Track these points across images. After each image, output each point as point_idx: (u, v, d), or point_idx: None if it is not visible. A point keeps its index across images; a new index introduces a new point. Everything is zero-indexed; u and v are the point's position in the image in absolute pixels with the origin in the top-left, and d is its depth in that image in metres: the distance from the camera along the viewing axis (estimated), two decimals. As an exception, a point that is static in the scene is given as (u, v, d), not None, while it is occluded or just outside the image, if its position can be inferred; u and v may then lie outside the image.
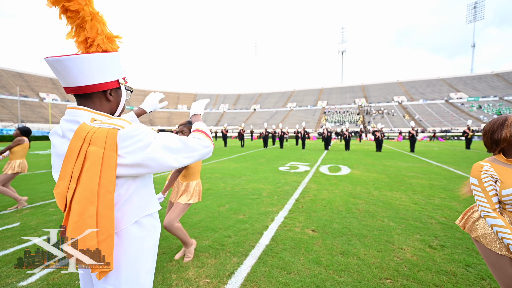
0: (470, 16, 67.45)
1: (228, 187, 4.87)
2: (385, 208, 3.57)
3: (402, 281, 1.86)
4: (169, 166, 0.80)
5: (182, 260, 2.17)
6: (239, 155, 11.68)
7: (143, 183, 0.85)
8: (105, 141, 0.71)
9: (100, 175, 0.70)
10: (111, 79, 0.85)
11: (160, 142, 0.78)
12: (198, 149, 0.87)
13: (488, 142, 1.25)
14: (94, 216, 0.69)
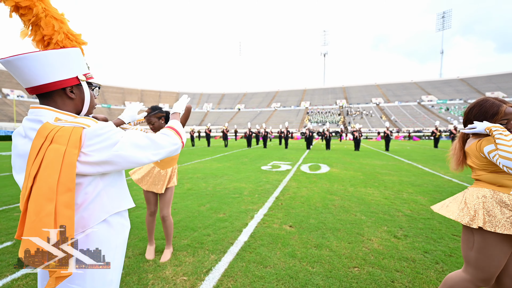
0: (439, 25, 72.76)
1: (209, 187, 4.87)
2: (358, 203, 3.80)
3: (368, 269, 2.02)
4: (137, 163, 0.81)
5: (158, 259, 2.17)
6: (222, 155, 11.65)
7: (112, 181, 0.85)
8: (69, 139, 0.71)
9: (60, 172, 0.68)
10: (69, 76, 0.82)
11: (128, 140, 0.79)
12: (166, 146, 0.88)
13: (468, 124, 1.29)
14: (52, 215, 0.66)
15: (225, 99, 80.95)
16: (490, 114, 1.18)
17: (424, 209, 3.51)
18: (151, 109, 2.08)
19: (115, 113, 61.70)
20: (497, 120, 1.17)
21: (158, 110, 2.09)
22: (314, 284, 1.82)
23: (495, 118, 1.17)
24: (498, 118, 1.17)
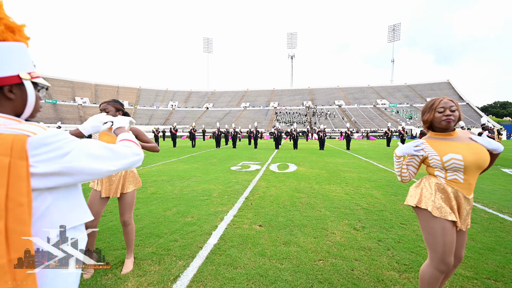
0: (390, 36, 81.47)
1: (176, 190, 4.67)
2: (323, 200, 4.04)
3: (331, 260, 2.17)
4: (93, 175, 0.74)
5: (119, 271, 2.00)
6: (190, 155, 11.25)
7: (63, 194, 0.77)
8: (11, 149, 0.63)
9: (8, 186, 0.62)
10: (8, 74, 0.73)
11: (83, 150, 0.72)
12: (128, 157, 0.83)
13: (422, 121, 1.51)
14: (3, 232, 0.61)
15: (192, 97, 78.11)
16: (430, 105, 1.42)
17: (378, 202, 3.90)
18: (113, 100, 1.98)
19: (62, 110, 54.62)
20: (435, 109, 1.39)
21: (119, 103, 2.01)
22: (283, 280, 1.89)
23: (433, 108, 1.40)
24: (435, 108, 1.39)
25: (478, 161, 1.32)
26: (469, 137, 1.40)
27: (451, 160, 1.33)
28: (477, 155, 1.32)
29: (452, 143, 1.38)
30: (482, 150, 1.34)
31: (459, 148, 1.35)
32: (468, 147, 1.35)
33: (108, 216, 3.25)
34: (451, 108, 1.37)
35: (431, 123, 1.42)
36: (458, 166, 1.32)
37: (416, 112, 53.31)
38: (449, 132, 1.42)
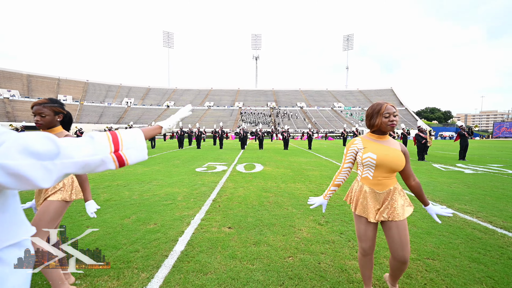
0: (345, 45, 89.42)
1: (134, 195, 4.27)
2: (289, 198, 4.19)
3: (300, 256, 2.26)
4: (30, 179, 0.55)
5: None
6: (150, 157, 10.46)
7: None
8: None
9: None
10: None
11: (18, 144, 0.54)
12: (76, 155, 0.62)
13: (367, 123, 1.58)
14: None
15: (151, 94, 72.71)
16: (376, 111, 1.50)
17: (338, 197, 4.22)
18: (49, 100, 1.62)
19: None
20: (382, 114, 1.47)
21: (59, 104, 1.66)
22: (255, 281, 1.89)
23: (380, 113, 1.48)
24: (382, 113, 1.47)
25: (390, 163, 1.45)
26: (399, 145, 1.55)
27: (368, 158, 1.48)
28: (391, 157, 1.45)
29: (378, 145, 1.51)
30: (398, 156, 1.47)
31: (378, 149, 1.48)
32: (386, 149, 1.48)
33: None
34: (394, 114, 1.49)
35: (376, 127, 1.52)
36: (370, 163, 1.48)
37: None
38: (383, 136, 1.54)
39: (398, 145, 1.55)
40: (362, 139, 1.57)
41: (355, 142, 1.57)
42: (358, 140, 1.57)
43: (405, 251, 1.47)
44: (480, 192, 4.64)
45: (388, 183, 1.50)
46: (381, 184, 1.50)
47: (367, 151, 1.50)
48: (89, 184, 1.76)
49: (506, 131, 53.04)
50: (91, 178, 5.74)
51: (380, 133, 1.53)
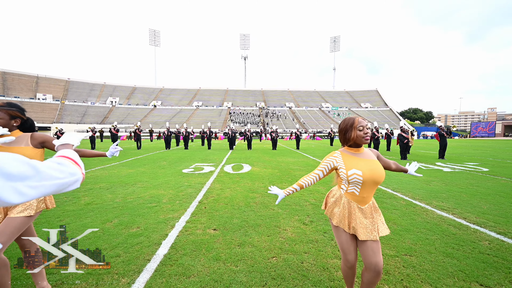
0: (332, 47, 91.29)
1: (117, 198, 4.14)
2: (276, 198, 4.22)
3: (284, 256, 2.28)
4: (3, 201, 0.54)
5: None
6: (134, 158, 10.18)
7: None
8: None
9: None
10: None
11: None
12: (57, 177, 0.66)
13: (341, 138, 1.57)
14: None
15: (137, 94, 70.71)
16: (350, 125, 1.51)
17: (323, 196, 4.30)
18: (7, 104, 1.54)
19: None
20: (356, 127, 1.49)
21: (17, 108, 1.58)
22: (238, 282, 1.89)
23: (353, 126, 1.50)
24: (356, 126, 1.49)
25: (374, 177, 1.45)
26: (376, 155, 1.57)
27: (354, 175, 1.45)
28: (374, 171, 1.46)
29: (357, 159, 1.50)
30: (378, 168, 1.48)
31: (360, 165, 1.47)
32: (368, 163, 1.48)
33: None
34: (367, 126, 1.50)
35: (352, 141, 1.52)
36: (358, 180, 1.45)
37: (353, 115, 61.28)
38: (359, 148, 1.55)
39: (372, 153, 1.57)
40: (342, 154, 1.55)
41: (334, 155, 1.55)
42: (338, 154, 1.55)
43: (375, 259, 1.42)
44: (457, 190, 4.90)
45: (370, 198, 1.50)
46: (365, 200, 1.49)
47: (351, 167, 1.47)
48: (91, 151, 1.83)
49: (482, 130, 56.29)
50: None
51: (356, 146, 1.54)
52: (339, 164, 1.51)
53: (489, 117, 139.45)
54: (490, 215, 3.39)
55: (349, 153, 1.55)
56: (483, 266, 2.12)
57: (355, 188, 1.48)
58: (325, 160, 1.56)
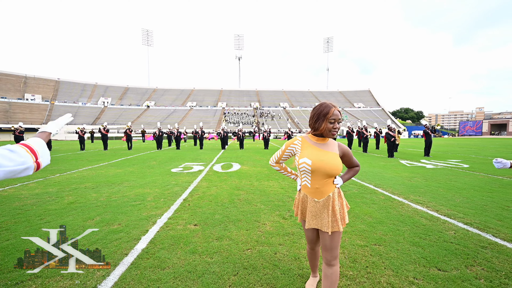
0: (325, 48, 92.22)
1: (102, 197, 4.15)
2: (260, 195, 4.31)
3: (258, 248, 2.37)
4: None
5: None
6: (124, 158, 10.11)
7: None
8: None
9: None
10: None
11: None
12: (5, 165, 0.71)
13: (310, 124, 1.46)
14: None
15: (129, 94, 69.83)
16: (324, 113, 1.37)
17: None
18: None
19: None
20: (328, 119, 1.37)
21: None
22: (210, 272, 1.96)
23: (327, 117, 1.37)
24: (328, 118, 1.37)
25: (325, 168, 1.36)
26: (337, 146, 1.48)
27: (303, 164, 1.39)
28: (325, 163, 1.36)
29: (316, 149, 1.42)
30: (334, 160, 1.38)
31: (314, 154, 1.40)
32: (322, 154, 1.40)
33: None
34: (339, 121, 1.40)
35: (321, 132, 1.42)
36: (306, 169, 1.40)
37: (346, 115, 61.95)
38: (324, 138, 1.45)
39: (337, 146, 1.46)
40: (303, 141, 1.49)
41: (294, 143, 1.50)
42: (298, 142, 1.49)
43: (330, 253, 1.41)
44: (435, 185, 5.09)
45: (326, 190, 1.41)
46: (319, 192, 1.41)
47: (303, 155, 1.42)
48: None
49: (470, 129, 57.85)
50: (56, 181, 5.48)
51: (320, 135, 1.44)
52: (297, 152, 1.47)
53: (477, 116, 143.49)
54: (461, 207, 3.57)
55: (311, 141, 1.46)
56: (444, 253, 2.26)
57: (306, 178, 1.44)
58: (287, 149, 1.52)
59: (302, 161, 1.41)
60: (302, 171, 1.43)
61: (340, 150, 1.47)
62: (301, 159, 1.42)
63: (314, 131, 1.45)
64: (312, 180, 1.42)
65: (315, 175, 1.40)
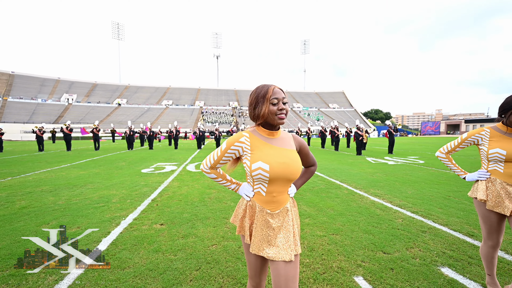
0: (302, 49, 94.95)
1: (60, 201, 3.89)
2: (232, 193, 4.36)
3: (224, 243, 2.42)
4: None
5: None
6: (90, 159, 9.48)
7: None
8: None
9: None
10: None
11: None
12: None
13: (251, 114, 1.11)
14: None
15: (98, 91, 65.09)
16: (262, 95, 1.07)
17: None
18: None
19: None
20: (269, 99, 1.06)
21: None
22: (173, 269, 1.98)
23: (267, 97, 1.06)
24: (269, 98, 1.06)
25: (285, 173, 1.06)
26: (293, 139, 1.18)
27: (258, 169, 1.05)
28: (286, 165, 1.06)
29: (270, 147, 1.09)
30: (296, 161, 1.10)
31: (271, 155, 1.06)
32: (279, 153, 1.08)
33: None
34: (284, 100, 1.09)
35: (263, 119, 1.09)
36: (263, 177, 1.06)
37: (322, 115, 64.50)
38: (275, 131, 1.13)
39: (292, 140, 1.18)
40: (251, 137, 1.12)
41: (240, 140, 1.10)
42: (245, 139, 1.10)
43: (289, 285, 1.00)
44: (393, 179, 5.58)
45: (283, 200, 1.11)
46: (276, 202, 1.10)
47: (256, 158, 1.06)
48: None
49: (430, 129, 63.72)
50: (7, 185, 4.97)
51: (270, 127, 1.12)
52: (245, 153, 1.09)
53: (436, 117, 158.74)
54: (411, 198, 3.98)
55: (261, 137, 1.12)
56: (390, 238, 2.52)
57: (261, 186, 1.10)
58: (229, 149, 1.11)
59: (256, 167, 1.04)
60: (257, 179, 1.07)
61: (297, 143, 1.18)
62: (254, 164, 1.05)
63: (258, 121, 1.11)
64: (268, 187, 1.09)
65: (274, 182, 1.07)
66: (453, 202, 3.76)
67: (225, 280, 1.84)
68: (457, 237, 2.54)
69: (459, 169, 1.73)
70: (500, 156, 1.46)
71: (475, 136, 1.58)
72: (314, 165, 1.32)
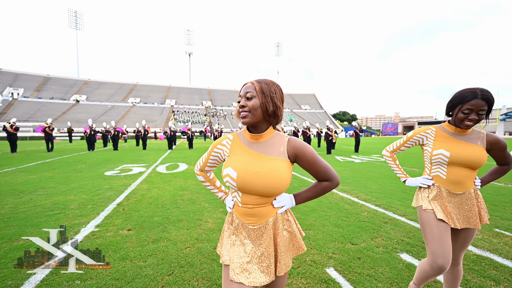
0: (276, 52, 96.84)
1: (3, 210, 3.37)
2: (205, 194, 4.25)
3: (198, 245, 2.34)
4: None
5: None
6: (41, 162, 8.43)
7: None
8: None
9: None
10: None
11: None
12: None
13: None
14: None
15: (51, 85, 58.10)
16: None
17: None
18: None
19: None
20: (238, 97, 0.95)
21: None
22: (142, 276, 1.85)
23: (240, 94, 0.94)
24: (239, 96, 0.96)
25: (255, 184, 0.88)
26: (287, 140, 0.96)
27: (227, 176, 0.93)
28: (259, 175, 0.88)
29: (247, 152, 0.95)
30: (272, 171, 0.88)
31: (243, 162, 0.92)
32: (257, 162, 0.91)
33: None
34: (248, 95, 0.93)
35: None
36: (232, 186, 0.94)
37: (294, 116, 66.61)
38: (257, 134, 0.96)
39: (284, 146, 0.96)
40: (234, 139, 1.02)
41: (222, 143, 1.04)
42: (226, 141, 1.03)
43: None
44: (359, 176, 6.00)
45: (263, 213, 0.94)
46: (254, 215, 0.94)
47: (228, 163, 0.96)
48: None
49: (390, 130, 70.10)
50: None
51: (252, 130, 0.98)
52: (225, 156, 1.04)
53: (394, 119, 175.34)
54: (375, 193, 4.32)
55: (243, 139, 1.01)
56: (357, 230, 2.71)
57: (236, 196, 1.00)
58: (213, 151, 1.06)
59: (225, 173, 0.93)
60: (229, 186, 0.96)
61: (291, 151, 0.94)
62: (225, 170, 0.94)
63: None
64: (243, 197, 0.95)
65: (245, 193, 0.93)
66: (409, 195, 4.17)
67: (200, 282, 1.78)
68: (413, 226, 2.83)
69: (400, 171, 1.58)
70: (444, 158, 1.30)
71: (420, 135, 1.42)
72: (329, 180, 0.98)
